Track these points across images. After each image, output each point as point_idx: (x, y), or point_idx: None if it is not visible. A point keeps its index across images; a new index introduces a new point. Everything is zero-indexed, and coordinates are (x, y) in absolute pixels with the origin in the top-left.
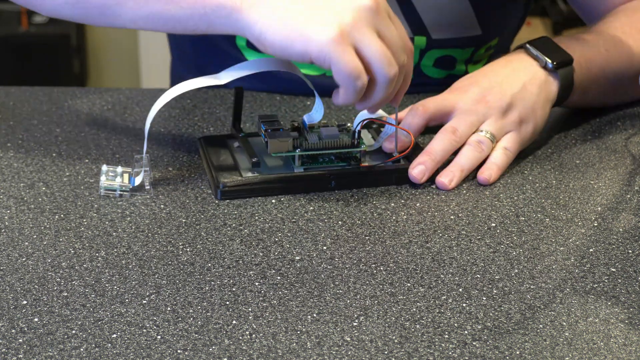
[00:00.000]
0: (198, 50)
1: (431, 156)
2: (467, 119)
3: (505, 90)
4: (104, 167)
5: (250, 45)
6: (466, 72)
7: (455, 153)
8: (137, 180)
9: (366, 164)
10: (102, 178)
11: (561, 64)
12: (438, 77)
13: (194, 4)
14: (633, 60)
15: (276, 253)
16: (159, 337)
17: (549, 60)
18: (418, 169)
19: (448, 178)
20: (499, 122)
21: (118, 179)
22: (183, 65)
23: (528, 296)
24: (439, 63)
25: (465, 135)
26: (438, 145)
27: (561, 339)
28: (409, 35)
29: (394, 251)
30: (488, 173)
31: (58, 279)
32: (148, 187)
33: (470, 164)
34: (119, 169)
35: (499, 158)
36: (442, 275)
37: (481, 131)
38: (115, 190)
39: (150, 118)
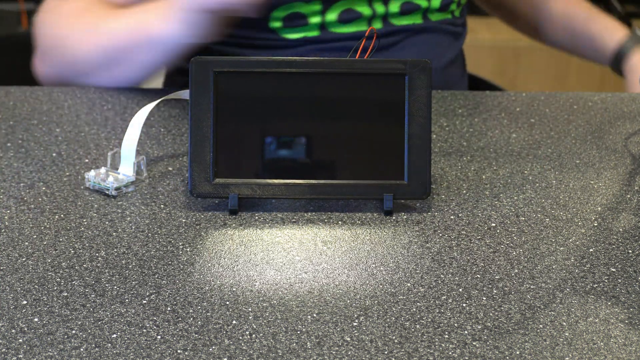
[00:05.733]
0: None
1: None
2: None
3: None
4: (92, 172)
5: (287, 25)
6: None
7: None
8: (129, 171)
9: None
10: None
11: None
12: (406, 24)
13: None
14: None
15: (276, 253)
16: (159, 337)
17: None
18: None
19: None
20: None
21: (111, 178)
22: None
23: (528, 296)
24: (405, 9)
25: None
26: None
27: (561, 339)
28: None
29: (394, 251)
30: None
31: (58, 279)
32: (144, 172)
33: None
34: (103, 170)
35: None
36: (442, 275)
37: None
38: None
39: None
